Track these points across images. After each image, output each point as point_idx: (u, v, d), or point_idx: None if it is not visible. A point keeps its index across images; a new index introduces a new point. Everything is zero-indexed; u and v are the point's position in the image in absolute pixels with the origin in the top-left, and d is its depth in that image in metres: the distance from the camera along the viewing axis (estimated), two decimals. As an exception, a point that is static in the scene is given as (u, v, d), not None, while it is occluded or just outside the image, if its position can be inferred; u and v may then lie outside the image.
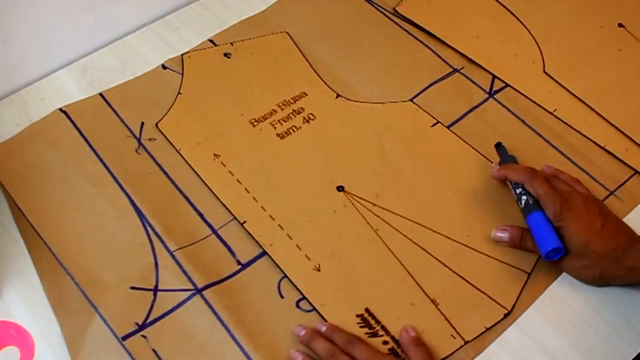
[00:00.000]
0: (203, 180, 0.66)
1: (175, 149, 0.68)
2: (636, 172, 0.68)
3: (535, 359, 0.57)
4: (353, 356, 0.55)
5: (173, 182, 0.66)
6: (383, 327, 0.58)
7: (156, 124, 0.70)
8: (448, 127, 0.71)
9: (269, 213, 0.64)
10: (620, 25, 0.80)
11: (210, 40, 0.78)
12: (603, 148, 0.70)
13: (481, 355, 0.57)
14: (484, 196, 0.66)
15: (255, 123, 0.71)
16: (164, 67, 0.76)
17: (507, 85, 0.75)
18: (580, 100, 0.73)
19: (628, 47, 0.78)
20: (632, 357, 0.57)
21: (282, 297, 0.60)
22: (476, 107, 0.73)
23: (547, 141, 0.70)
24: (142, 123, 0.71)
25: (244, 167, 0.67)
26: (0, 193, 0.65)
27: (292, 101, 0.73)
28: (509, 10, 0.82)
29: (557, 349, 0.57)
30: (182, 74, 0.75)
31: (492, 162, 0.68)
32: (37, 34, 0.73)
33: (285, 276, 0.60)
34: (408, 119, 0.72)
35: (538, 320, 0.59)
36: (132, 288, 0.59)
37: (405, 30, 0.80)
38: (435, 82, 0.75)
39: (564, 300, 0.60)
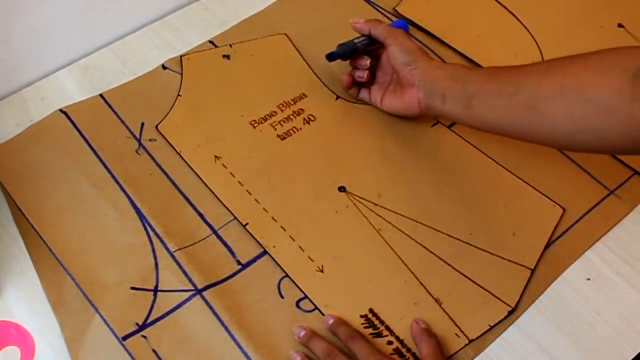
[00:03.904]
0: (204, 182, 0.66)
1: (176, 151, 0.68)
2: (636, 172, 0.68)
3: (535, 359, 0.57)
4: (352, 351, 0.55)
5: (173, 183, 0.66)
6: (387, 327, 0.58)
7: (156, 127, 0.70)
8: (448, 127, 0.71)
9: (271, 215, 0.64)
10: (620, 25, 0.80)
11: (211, 42, 0.78)
12: (603, 148, 0.70)
13: (481, 355, 0.57)
14: (485, 193, 0.66)
15: (256, 124, 0.71)
16: (164, 67, 0.76)
17: (507, 85, 0.75)
18: (580, 100, 0.73)
19: (628, 48, 0.78)
20: (632, 357, 0.57)
21: (282, 297, 0.60)
22: (476, 107, 0.73)
23: (547, 141, 0.70)
24: (142, 124, 0.71)
25: (245, 169, 0.67)
26: (0, 193, 0.65)
27: (292, 102, 0.73)
28: (509, 11, 0.82)
29: (557, 349, 0.57)
30: (182, 76, 0.75)
31: (493, 160, 0.68)
32: (37, 34, 0.73)
33: (287, 276, 0.61)
34: (408, 119, 0.72)
35: (538, 320, 0.59)
36: (132, 288, 0.59)
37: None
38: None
39: (564, 300, 0.60)
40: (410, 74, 0.65)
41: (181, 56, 0.76)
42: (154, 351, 0.56)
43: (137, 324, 0.57)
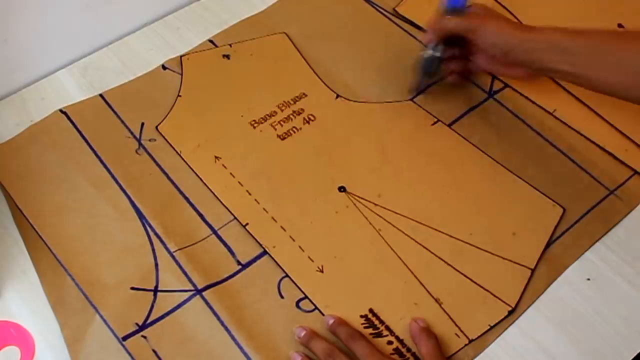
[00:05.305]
0: (204, 182, 0.66)
1: (176, 152, 0.68)
2: (636, 172, 0.68)
3: (535, 359, 0.57)
4: (353, 351, 0.55)
5: (173, 183, 0.66)
6: (387, 327, 0.58)
7: (156, 127, 0.70)
8: (448, 126, 0.71)
9: (271, 215, 0.64)
10: (620, 25, 0.80)
11: (211, 41, 0.78)
12: (603, 148, 0.70)
13: (481, 355, 0.57)
14: (486, 193, 0.66)
15: (256, 124, 0.71)
16: (164, 67, 0.76)
17: (507, 85, 0.75)
18: (579, 100, 0.73)
19: (628, 48, 0.78)
20: (632, 357, 0.58)
21: (282, 297, 0.60)
22: (476, 106, 0.73)
23: (547, 141, 0.70)
24: (142, 124, 0.71)
25: (245, 169, 0.67)
26: (0, 193, 0.66)
27: (292, 102, 0.73)
28: (508, 11, 0.82)
29: (557, 349, 0.57)
30: (182, 76, 0.75)
31: (493, 159, 0.68)
32: (37, 34, 0.73)
33: (287, 276, 0.61)
34: (408, 118, 0.72)
35: (538, 320, 0.59)
36: (132, 288, 0.59)
37: (405, 31, 0.80)
38: (435, 83, 0.75)
39: (564, 300, 0.60)
40: (511, 59, 0.66)
41: (181, 56, 0.76)
42: (154, 351, 0.56)
43: (137, 324, 0.58)
